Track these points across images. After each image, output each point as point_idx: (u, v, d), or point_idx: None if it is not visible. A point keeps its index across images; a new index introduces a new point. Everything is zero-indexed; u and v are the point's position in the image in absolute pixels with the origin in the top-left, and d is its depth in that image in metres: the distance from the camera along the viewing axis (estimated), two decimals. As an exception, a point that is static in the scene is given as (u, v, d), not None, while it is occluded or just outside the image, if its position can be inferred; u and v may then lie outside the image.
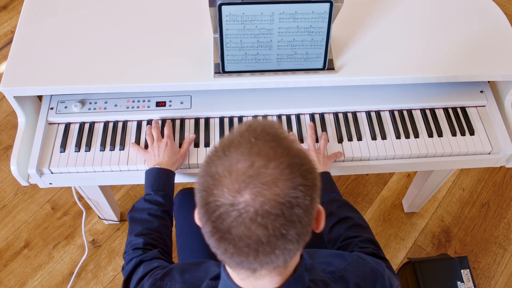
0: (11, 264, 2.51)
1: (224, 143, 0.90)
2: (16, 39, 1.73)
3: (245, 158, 0.86)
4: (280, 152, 0.87)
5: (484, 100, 1.85)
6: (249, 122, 0.94)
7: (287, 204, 0.84)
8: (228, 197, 0.84)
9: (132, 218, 1.53)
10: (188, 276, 1.19)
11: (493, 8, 1.89)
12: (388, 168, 1.81)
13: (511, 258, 2.56)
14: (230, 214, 0.84)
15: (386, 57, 1.75)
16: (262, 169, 0.84)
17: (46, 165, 1.69)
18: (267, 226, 0.84)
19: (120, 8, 1.83)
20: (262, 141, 0.88)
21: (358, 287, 1.14)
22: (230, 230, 0.85)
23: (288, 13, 1.54)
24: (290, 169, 0.85)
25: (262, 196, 0.83)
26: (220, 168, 0.87)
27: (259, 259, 0.87)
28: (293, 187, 0.84)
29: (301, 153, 0.90)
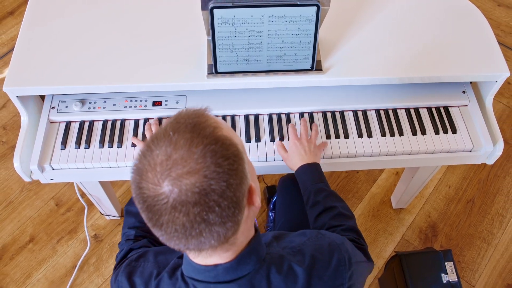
0: (16, 257, 2.51)
1: (150, 139, 0.93)
2: (19, 42, 1.74)
3: (163, 150, 0.89)
4: (196, 142, 0.89)
5: (466, 100, 1.85)
6: (177, 114, 0.97)
7: (202, 192, 0.86)
8: (152, 190, 0.88)
9: (127, 211, 1.55)
10: (161, 257, 1.22)
11: (475, 12, 1.89)
12: (374, 165, 1.81)
13: (495, 252, 2.56)
14: (155, 204, 0.88)
15: (372, 59, 1.75)
16: (177, 161, 0.87)
17: (48, 162, 1.69)
18: (188, 213, 0.87)
19: (118, 12, 1.83)
20: (179, 134, 0.90)
21: (314, 258, 1.15)
22: (158, 219, 0.89)
23: (277, 16, 1.54)
24: (203, 159, 0.87)
25: (178, 187, 0.86)
26: (145, 163, 0.90)
27: (191, 242, 0.91)
28: (205, 175, 0.87)
29: (219, 139, 0.91)
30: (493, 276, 2.50)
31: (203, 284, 1.06)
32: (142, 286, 1.16)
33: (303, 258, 1.14)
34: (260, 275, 1.08)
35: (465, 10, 1.90)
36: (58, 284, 2.44)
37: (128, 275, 1.20)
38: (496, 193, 2.75)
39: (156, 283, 1.14)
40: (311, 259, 1.14)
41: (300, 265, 1.12)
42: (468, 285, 2.46)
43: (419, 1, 1.91)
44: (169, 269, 1.15)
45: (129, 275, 1.20)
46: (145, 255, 1.25)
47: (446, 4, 1.91)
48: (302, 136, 1.69)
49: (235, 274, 1.05)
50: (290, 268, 1.11)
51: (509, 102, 3.10)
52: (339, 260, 1.17)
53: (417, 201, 2.72)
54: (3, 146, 2.85)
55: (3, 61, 3.24)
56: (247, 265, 1.06)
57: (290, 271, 1.11)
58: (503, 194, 2.75)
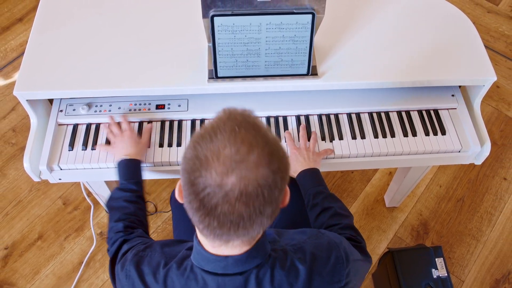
0: (25, 254, 2.52)
1: (209, 130, 0.93)
2: (28, 48, 1.75)
3: (231, 144, 0.89)
4: (260, 140, 0.92)
5: (455, 103, 1.86)
6: (228, 110, 0.98)
7: (266, 186, 0.90)
8: (216, 179, 0.88)
9: (110, 207, 1.55)
10: (167, 249, 1.23)
11: (464, 19, 1.90)
12: (367, 165, 1.82)
13: (483, 248, 2.57)
14: (217, 193, 0.89)
15: (365, 64, 1.75)
16: (246, 155, 0.89)
17: (56, 162, 1.70)
18: (249, 205, 0.90)
19: (123, 19, 1.84)
20: (244, 129, 0.92)
21: (314, 256, 1.16)
22: (216, 207, 0.90)
23: (274, 23, 1.55)
24: (270, 156, 0.91)
25: (246, 179, 0.88)
26: (208, 152, 0.90)
27: (238, 232, 0.94)
28: (272, 171, 0.91)
29: (276, 141, 0.96)
30: (482, 271, 2.51)
31: (211, 276, 1.08)
32: (150, 275, 1.16)
33: (304, 256, 1.15)
34: (265, 269, 1.09)
35: (454, 17, 1.91)
36: (65, 279, 2.44)
37: (136, 264, 1.20)
38: (485, 192, 2.76)
39: (164, 272, 1.15)
40: (311, 256, 1.16)
41: (301, 262, 1.14)
42: (458, 280, 2.47)
43: (410, 9, 1.92)
44: (178, 259, 1.16)
45: (137, 264, 1.20)
46: (152, 246, 1.25)
47: (436, 11, 1.92)
48: (301, 145, 1.71)
49: (243, 267, 1.07)
50: (292, 264, 1.13)
51: (498, 105, 3.11)
52: (337, 257, 1.19)
53: (409, 200, 2.73)
54: (13, 147, 2.86)
55: (12, 65, 3.24)
56: (255, 259, 1.08)
57: (293, 267, 1.13)
58: (491, 193, 2.76)
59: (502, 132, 2.99)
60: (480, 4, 3.68)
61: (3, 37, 3.40)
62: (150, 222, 2.59)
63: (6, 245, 2.54)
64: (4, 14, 3.53)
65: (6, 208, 2.65)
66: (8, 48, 3.34)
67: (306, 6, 1.54)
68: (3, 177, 2.75)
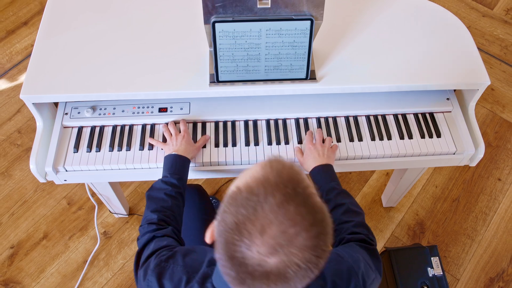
0: (31, 253, 2.53)
1: (255, 194, 0.87)
2: (34, 52, 1.76)
3: (278, 221, 0.84)
4: (308, 219, 0.85)
5: (450, 106, 1.87)
6: (276, 171, 0.90)
7: (308, 269, 0.86)
8: (257, 257, 0.84)
9: (149, 196, 1.55)
10: (188, 259, 1.22)
11: (459, 25, 1.91)
12: (365, 166, 1.83)
13: (478, 247, 2.58)
14: (256, 270, 0.85)
15: (362, 68, 1.76)
16: (292, 238, 0.83)
17: (61, 164, 1.72)
18: (286, 284, 0.86)
19: (127, 24, 1.85)
20: (294, 205, 0.85)
21: (335, 284, 1.16)
22: (252, 281, 0.86)
23: (273, 29, 1.56)
24: (316, 240, 0.86)
25: (288, 262, 0.84)
26: (251, 226, 0.84)
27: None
28: (315, 255, 0.86)
29: (320, 208, 0.89)
30: (477, 270, 2.52)
31: None
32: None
33: (325, 283, 1.15)
34: None
35: (449, 23, 1.92)
36: (70, 278, 2.45)
37: (158, 276, 1.20)
38: (480, 193, 2.77)
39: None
40: (332, 285, 1.16)
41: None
42: (453, 278, 2.49)
43: (406, 15, 1.93)
44: (199, 279, 1.14)
45: (159, 276, 1.20)
46: (174, 256, 1.24)
47: (432, 17, 1.93)
48: (317, 141, 1.72)
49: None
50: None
51: (492, 107, 3.12)
52: (356, 285, 1.20)
53: (406, 200, 2.74)
54: (18, 148, 2.87)
55: (18, 68, 3.25)
56: None
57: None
58: (486, 194, 2.77)
59: (496, 134, 3.00)
60: (476, 8, 3.69)
61: (9, 40, 3.41)
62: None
63: (12, 244, 2.55)
64: (10, 17, 3.54)
65: (12, 208, 2.66)
66: (14, 51, 3.34)
67: (305, 12, 1.55)
68: (9, 178, 2.76)
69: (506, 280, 2.49)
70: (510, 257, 2.56)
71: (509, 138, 2.99)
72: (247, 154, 1.75)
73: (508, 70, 3.32)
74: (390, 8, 1.95)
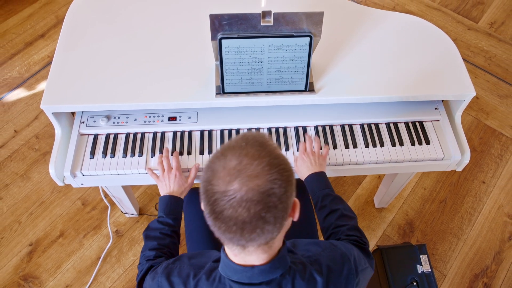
0: (48, 250, 2.53)
1: (223, 147, 1.00)
2: (53, 66, 1.77)
3: (236, 157, 0.95)
4: (263, 154, 0.96)
5: (438, 115, 1.89)
6: (244, 133, 1.04)
7: (265, 193, 0.93)
8: (222, 186, 0.94)
9: (147, 236, 1.56)
10: (194, 260, 1.24)
11: (446, 40, 1.92)
12: (359, 171, 1.84)
13: (464, 246, 2.59)
14: (222, 199, 0.93)
15: (357, 81, 1.77)
16: (248, 165, 0.94)
17: (79, 169, 1.73)
18: (250, 209, 0.93)
19: (139, 41, 1.86)
20: (250, 145, 0.97)
21: (329, 268, 1.18)
22: (222, 212, 0.94)
23: (275, 45, 1.57)
24: (269, 167, 0.95)
25: (247, 186, 0.92)
26: (218, 164, 0.96)
27: (244, 236, 0.96)
28: (270, 180, 0.94)
29: (280, 156, 0.99)
30: (462, 266, 2.53)
31: (238, 285, 1.09)
32: (181, 285, 1.18)
33: (320, 268, 1.17)
34: (287, 280, 1.11)
35: (438, 38, 1.93)
36: (84, 273, 2.46)
37: (167, 276, 1.22)
38: (466, 195, 2.78)
39: (194, 282, 1.16)
40: (327, 268, 1.18)
41: (319, 274, 1.16)
42: (441, 274, 2.50)
43: (397, 31, 1.95)
44: (206, 271, 1.17)
45: (167, 275, 1.22)
46: (180, 258, 1.27)
47: (421, 33, 1.94)
48: (309, 150, 1.73)
49: (267, 276, 1.08)
50: (311, 276, 1.15)
51: (477, 115, 3.13)
52: (349, 269, 1.21)
53: (397, 201, 2.75)
54: (36, 153, 2.88)
55: (35, 78, 3.26)
56: (278, 269, 1.09)
57: (311, 278, 1.15)
58: (471, 195, 2.78)
59: (481, 140, 3.02)
60: (462, 22, 3.70)
61: (27, 51, 3.42)
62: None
63: (31, 242, 2.56)
64: (28, 30, 3.55)
65: (30, 208, 2.67)
66: (31, 62, 3.36)
67: (304, 29, 1.56)
68: (27, 180, 2.77)
69: (489, 276, 2.50)
70: (493, 255, 2.57)
71: (492, 143, 3.00)
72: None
73: (491, 79, 3.34)
74: (381, 25, 1.96)
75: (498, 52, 3.51)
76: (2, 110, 3.09)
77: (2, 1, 3.74)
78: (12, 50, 3.44)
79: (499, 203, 2.76)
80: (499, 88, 3.29)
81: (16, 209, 2.67)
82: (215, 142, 1.80)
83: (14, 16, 3.65)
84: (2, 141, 2.94)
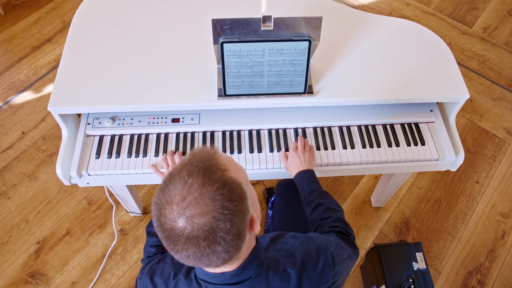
0: (55, 248, 2.54)
1: (168, 177, 0.95)
2: (60, 69, 1.78)
3: (179, 193, 0.91)
4: (206, 187, 0.90)
5: (433, 117, 1.89)
6: (191, 154, 0.97)
7: (210, 230, 0.90)
8: (169, 224, 0.91)
9: (148, 231, 1.58)
10: (176, 260, 1.24)
11: (441, 44, 1.93)
12: (357, 171, 1.84)
13: (458, 244, 2.59)
14: (172, 235, 0.91)
15: (355, 84, 1.78)
16: (191, 203, 0.89)
17: (85, 169, 1.73)
18: (198, 245, 0.91)
19: (143, 46, 1.87)
20: (193, 178, 0.91)
21: (303, 261, 1.19)
22: (175, 246, 0.93)
23: (275, 49, 1.58)
24: (213, 202, 0.90)
25: (191, 225, 0.89)
26: (162, 200, 0.92)
27: (204, 262, 0.95)
28: (213, 217, 0.90)
29: (226, 182, 0.93)
30: (457, 264, 2.53)
31: (213, 286, 1.11)
32: (163, 285, 1.20)
33: (294, 261, 1.18)
34: (260, 278, 1.12)
35: (433, 42, 1.93)
36: (90, 270, 2.47)
37: (150, 276, 1.24)
38: (460, 194, 2.79)
39: (174, 283, 1.18)
40: (301, 262, 1.19)
41: (293, 268, 1.16)
42: (436, 272, 2.50)
43: (394, 36, 1.95)
44: (184, 271, 1.19)
45: (151, 276, 1.24)
46: (164, 258, 1.29)
47: (417, 38, 1.95)
48: (299, 149, 1.72)
49: (239, 278, 1.10)
50: (284, 271, 1.15)
51: (471, 117, 3.13)
52: (324, 262, 1.22)
53: (393, 200, 2.75)
54: (43, 153, 2.88)
55: (42, 81, 3.26)
56: (249, 270, 1.10)
57: (285, 273, 1.15)
58: (465, 195, 2.78)
59: (475, 141, 3.02)
60: (456, 27, 3.71)
61: (34, 55, 3.42)
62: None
63: (38, 240, 2.56)
64: (35, 35, 3.55)
65: (38, 207, 2.67)
66: (38, 65, 3.36)
67: (303, 34, 1.57)
68: (35, 180, 2.77)
69: (483, 273, 2.50)
70: (487, 253, 2.57)
71: (486, 144, 3.00)
72: (251, 160, 1.77)
73: (485, 83, 3.34)
74: (378, 30, 1.97)
75: (492, 56, 3.52)
76: (10, 112, 3.09)
77: (10, 7, 3.75)
78: (19, 54, 3.44)
79: (493, 203, 2.76)
80: (492, 91, 3.30)
81: (24, 208, 2.67)
82: (217, 143, 1.80)
83: (21, 21, 3.66)
84: (10, 142, 2.94)
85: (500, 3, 3.91)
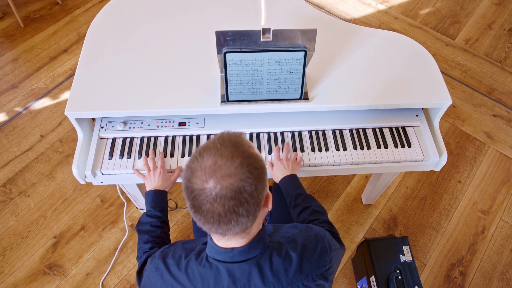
0: (71, 242, 2.54)
1: (201, 148, 1.01)
2: (76, 77, 1.78)
3: (212, 158, 0.97)
4: (236, 154, 0.98)
5: (418, 121, 1.89)
6: (221, 133, 1.05)
7: (237, 191, 0.95)
8: (199, 184, 0.96)
9: (139, 230, 1.57)
10: (187, 245, 1.27)
11: (426, 54, 1.93)
12: (348, 171, 1.84)
13: (442, 238, 2.59)
14: (200, 195, 0.96)
15: (347, 90, 1.78)
16: (221, 166, 0.96)
17: (99, 169, 1.74)
18: (224, 205, 0.95)
19: (153, 56, 1.88)
20: (224, 146, 0.99)
21: (304, 246, 1.21)
22: (201, 206, 0.97)
23: (274, 59, 1.58)
24: (241, 166, 0.97)
25: (220, 185, 0.95)
26: (196, 164, 0.98)
27: (221, 226, 0.99)
28: (242, 179, 0.96)
29: (252, 155, 1.01)
30: (440, 257, 2.53)
31: (222, 263, 1.13)
32: (175, 265, 1.20)
33: (296, 246, 1.20)
34: (265, 257, 1.14)
35: (418, 52, 1.93)
36: (103, 262, 2.47)
37: (163, 258, 1.24)
38: (443, 193, 2.79)
39: (186, 262, 1.19)
40: (302, 246, 1.20)
41: (294, 251, 1.18)
42: (421, 264, 2.50)
43: (383, 46, 1.96)
44: (195, 252, 1.20)
45: (163, 258, 1.24)
46: (175, 243, 1.30)
47: (404, 48, 1.95)
48: (284, 156, 1.73)
49: (246, 255, 1.12)
50: (287, 253, 1.17)
51: (454, 121, 3.14)
52: (322, 247, 1.23)
53: (382, 198, 2.75)
54: (60, 155, 2.89)
55: (59, 88, 3.26)
56: (256, 249, 1.12)
57: (287, 255, 1.17)
58: (448, 193, 2.78)
59: (457, 144, 3.02)
60: (440, 39, 3.71)
61: (52, 65, 3.43)
62: (171, 216, 2.62)
63: (55, 235, 2.56)
64: (52, 46, 3.56)
65: (55, 204, 2.68)
66: (55, 74, 3.36)
67: (299, 45, 1.57)
68: (52, 179, 2.78)
69: (465, 265, 2.50)
70: (468, 246, 2.57)
71: (467, 147, 3.01)
72: (251, 160, 1.76)
73: (467, 90, 3.34)
74: (369, 41, 1.97)
75: (473, 66, 3.52)
76: (30, 117, 3.09)
77: (29, 20, 3.76)
78: (38, 63, 3.45)
79: (473, 200, 2.76)
80: (473, 98, 3.30)
81: (42, 205, 2.68)
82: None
83: (40, 33, 3.66)
84: (30, 144, 2.95)
85: (481, 17, 3.92)
